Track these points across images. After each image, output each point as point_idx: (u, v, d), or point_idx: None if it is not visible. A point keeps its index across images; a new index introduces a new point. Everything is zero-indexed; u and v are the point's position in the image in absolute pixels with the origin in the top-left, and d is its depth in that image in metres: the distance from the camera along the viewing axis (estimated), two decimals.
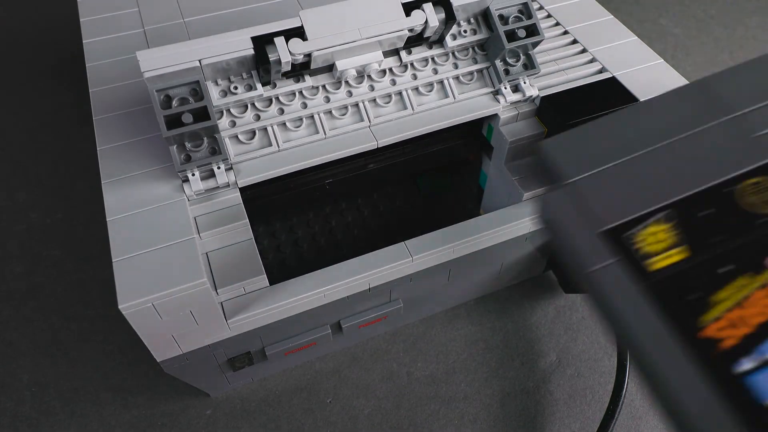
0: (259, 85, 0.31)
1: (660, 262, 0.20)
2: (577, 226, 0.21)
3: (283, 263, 0.38)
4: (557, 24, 0.41)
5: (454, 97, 0.35)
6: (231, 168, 0.31)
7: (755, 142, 0.22)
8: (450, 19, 0.31)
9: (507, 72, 0.35)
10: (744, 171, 0.22)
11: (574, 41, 0.40)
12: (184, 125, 0.28)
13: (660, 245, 0.20)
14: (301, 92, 0.33)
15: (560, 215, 0.21)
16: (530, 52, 0.35)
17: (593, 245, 0.21)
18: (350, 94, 0.33)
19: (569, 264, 0.21)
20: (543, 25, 0.41)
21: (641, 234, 0.20)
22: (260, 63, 0.29)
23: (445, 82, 0.35)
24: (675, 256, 0.20)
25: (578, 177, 0.22)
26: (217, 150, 0.30)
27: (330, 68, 0.32)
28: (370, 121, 0.34)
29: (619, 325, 0.19)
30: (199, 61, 0.28)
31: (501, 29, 0.33)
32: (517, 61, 0.35)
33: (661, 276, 0.19)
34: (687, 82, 0.36)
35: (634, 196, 0.21)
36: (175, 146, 0.29)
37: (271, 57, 0.29)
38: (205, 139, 0.30)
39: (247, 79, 0.31)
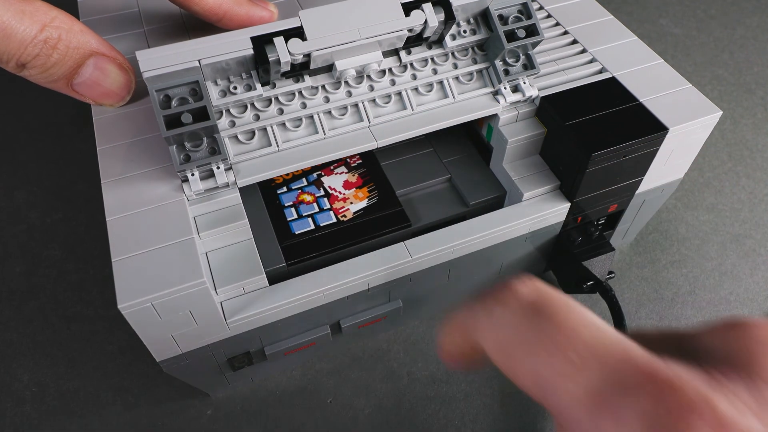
0: (258, 85, 0.31)
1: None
2: None
3: None
4: (557, 24, 0.41)
5: (454, 97, 0.35)
6: (230, 168, 0.31)
7: None
8: (449, 19, 0.31)
9: (507, 72, 0.35)
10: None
11: (574, 41, 0.40)
12: (183, 125, 0.28)
13: None
14: (300, 92, 0.33)
15: None
16: (530, 52, 0.35)
17: None
18: (350, 94, 0.33)
19: None
20: (543, 25, 0.41)
21: None
22: (259, 63, 0.29)
23: (445, 82, 0.35)
24: None
25: None
26: (216, 150, 0.30)
27: (329, 68, 0.32)
28: (369, 121, 0.34)
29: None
30: (199, 61, 0.28)
31: (500, 29, 0.33)
32: (517, 61, 0.35)
33: None
34: (687, 82, 0.36)
35: None
36: (174, 146, 0.29)
37: (271, 57, 0.29)
38: (205, 139, 0.30)
39: (246, 79, 0.31)
